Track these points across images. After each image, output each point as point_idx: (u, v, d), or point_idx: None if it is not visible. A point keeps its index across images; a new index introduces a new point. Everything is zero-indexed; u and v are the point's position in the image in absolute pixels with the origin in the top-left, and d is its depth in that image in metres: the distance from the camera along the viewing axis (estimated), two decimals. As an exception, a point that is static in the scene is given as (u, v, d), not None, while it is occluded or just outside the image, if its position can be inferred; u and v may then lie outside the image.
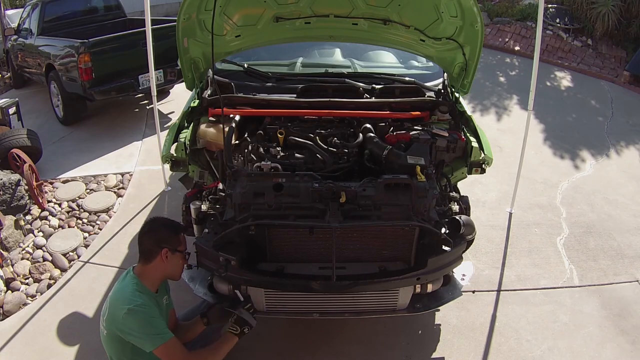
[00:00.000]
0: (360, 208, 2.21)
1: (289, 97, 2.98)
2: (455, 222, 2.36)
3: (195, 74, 3.18)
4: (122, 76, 5.59)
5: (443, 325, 2.94)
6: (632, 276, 3.45)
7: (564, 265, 3.54)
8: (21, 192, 3.93)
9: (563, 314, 3.08)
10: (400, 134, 2.70)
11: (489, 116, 6.29)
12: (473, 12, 2.77)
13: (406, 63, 3.64)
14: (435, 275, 2.35)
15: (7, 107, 5.00)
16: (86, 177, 4.62)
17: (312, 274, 2.25)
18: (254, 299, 2.37)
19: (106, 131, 5.75)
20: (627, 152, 5.48)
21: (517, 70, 8.18)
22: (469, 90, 3.14)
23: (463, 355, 2.77)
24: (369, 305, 2.48)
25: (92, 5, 7.04)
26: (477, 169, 2.81)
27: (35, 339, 2.85)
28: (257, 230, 2.19)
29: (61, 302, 3.13)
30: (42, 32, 6.25)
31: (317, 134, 2.68)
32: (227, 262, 2.15)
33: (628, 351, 2.83)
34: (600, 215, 4.17)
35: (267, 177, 2.26)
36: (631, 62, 7.89)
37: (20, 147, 4.43)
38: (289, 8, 2.98)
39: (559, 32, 9.09)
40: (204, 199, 2.60)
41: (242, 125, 2.85)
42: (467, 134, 2.85)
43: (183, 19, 2.86)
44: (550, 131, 5.85)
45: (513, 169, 4.22)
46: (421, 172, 2.33)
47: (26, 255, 3.55)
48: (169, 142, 2.82)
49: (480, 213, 4.04)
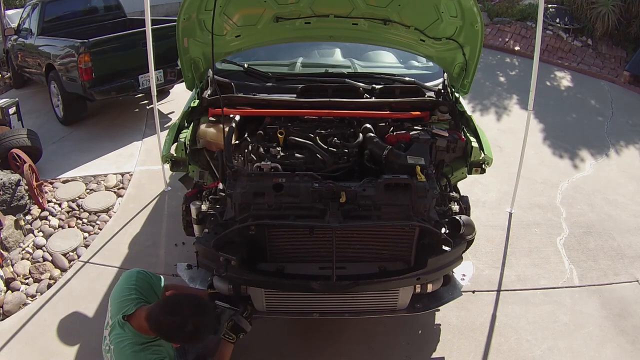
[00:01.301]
0: (360, 208, 2.21)
1: (289, 97, 2.98)
2: (455, 222, 2.36)
3: (195, 74, 3.18)
4: (122, 76, 5.58)
5: (443, 325, 2.94)
6: (632, 276, 3.45)
7: (564, 265, 3.54)
8: (21, 192, 3.93)
9: (563, 314, 3.08)
10: (400, 134, 2.70)
11: (489, 116, 6.29)
12: (473, 12, 2.77)
13: (406, 63, 3.64)
14: (435, 275, 2.35)
15: (7, 107, 5.00)
16: (86, 177, 4.62)
17: (312, 274, 2.25)
18: (254, 299, 2.37)
19: (106, 131, 5.75)
20: (627, 152, 5.48)
21: (517, 70, 8.18)
22: (469, 90, 3.14)
23: (463, 355, 2.77)
24: (369, 305, 2.48)
25: (92, 5, 7.03)
26: (477, 169, 2.82)
27: (35, 339, 2.85)
28: (257, 230, 2.19)
29: (61, 302, 3.13)
30: (42, 32, 6.25)
31: (317, 134, 2.68)
32: (227, 262, 2.15)
33: (628, 351, 2.83)
34: (600, 215, 4.17)
35: (267, 177, 2.26)
36: (631, 62, 7.89)
37: (20, 147, 4.43)
38: (289, 8, 2.98)
39: (559, 32, 9.09)
40: (204, 199, 2.60)
41: (242, 125, 2.85)
42: (467, 134, 2.85)
43: (183, 19, 2.86)
44: (550, 131, 5.85)
45: (513, 169, 4.22)
46: (421, 172, 2.34)
47: (26, 255, 3.55)
48: (169, 142, 2.82)
49: (480, 213, 4.04)
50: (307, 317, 2.50)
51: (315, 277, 2.22)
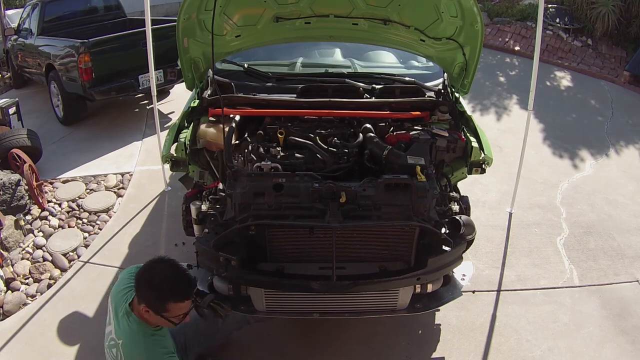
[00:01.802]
0: (360, 208, 2.21)
1: (289, 97, 2.98)
2: (455, 222, 2.36)
3: (195, 74, 3.18)
4: (122, 76, 5.58)
5: (443, 325, 2.94)
6: (632, 276, 3.45)
7: (564, 265, 3.54)
8: (21, 192, 3.93)
9: (563, 314, 3.08)
10: (400, 134, 2.70)
11: (489, 116, 6.29)
12: (473, 12, 2.77)
13: (406, 63, 3.64)
14: (435, 275, 2.35)
15: (7, 107, 5.00)
16: (86, 177, 4.62)
17: (312, 274, 2.25)
18: (254, 299, 2.37)
19: (106, 131, 5.75)
20: (627, 152, 5.48)
21: (517, 70, 8.18)
22: (469, 90, 3.14)
23: (463, 355, 2.77)
24: (369, 305, 2.48)
25: (92, 5, 7.03)
26: (477, 169, 2.82)
27: (35, 339, 2.85)
28: (257, 230, 2.20)
29: (61, 302, 3.13)
30: (42, 32, 6.24)
31: (317, 134, 2.68)
32: (227, 262, 2.15)
33: (628, 351, 2.83)
34: (600, 215, 4.17)
35: (267, 177, 2.26)
36: (631, 62, 7.89)
37: (20, 147, 4.43)
38: (289, 8, 2.98)
39: (559, 32, 9.09)
40: (204, 199, 2.60)
41: (242, 125, 2.85)
42: (467, 134, 2.85)
43: (183, 19, 2.86)
44: (550, 131, 5.85)
45: (513, 169, 4.22)
46: (421, 172, 2.34)
47: (26, 255, 3.55)
48: (169, 142, 2.82)
49: (480, 213, 4.04)
50: (307, 317, 2.50)
51: (315, 277, 2.23)
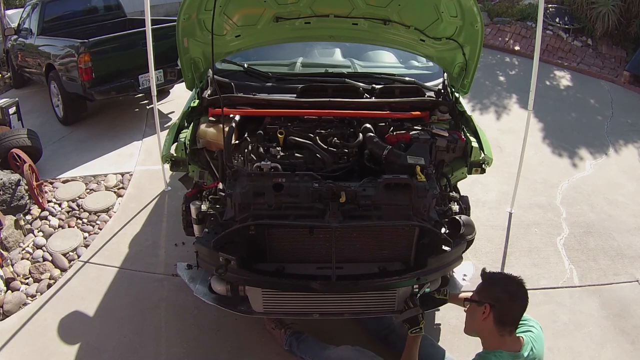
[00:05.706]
0: (360, 208, 2.21)
1: (289, 97, 2.97)
2: (455, 222, 2.36)
3: (195, 74, 3.18)
4: (122, 76, 5.59)
5: (443, 325, 2.94)
6: (632, 276, 3.45)
7: (564, 265, 3.54)
8: (21, 192, 3.93)
9: (563, 314, 3.08)
10: (400, 134, 2.70)
11: (489, 116, 6.29)
12: (473, 12, 2.77)
13: (406, 63, 3.64)
14: (435, 275, 2.35)
15: (7, 107, 5.00)
16: (86, 177, 4.62)
17: (312, 274, 2.25)
18: (253, 299, 2.37)
19: (106, 131, 5.75)
20: (627, 152, 5.48)
21: (517, 70, 8.18)
22: (469, 90, 3.14)
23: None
24: (368, 306, 2.47)
25: (92, 5, 7.04)
26: (477, 169, 2.81)
27: (35, 339, 2.85)
28: (257, 230, 2.19)
29: (61, 302, 3.13)
30: (42, 32, 6.25)
31: (317, 134, 2.67)
32: (227, 262, 2.15)
33: (628, 351, 2.83)
34: (600, 215, 4.17)
35: (267, 177, 2.25)
36: (631, 62, 7.89)
37: (20, 147, 4.43)
38: (289, 8, 2.98)
39: (559, 32, 9.10)
40: (204, 199, 2.60)
41: (242, 125, 2.85)
42: (467, 134, 2.85)
43: (183, 19, 2.85)
44: (550, 131, 5.85)
45: (513, 169, 4.22)
46: (421, 172, 2.33)
47: (26, 255, 3.55)
48: (169, 142, 2.82)
49: (480, 213, 4.04)
50: (307, 317, 2.50)
51: (315, 277, 2.22)
